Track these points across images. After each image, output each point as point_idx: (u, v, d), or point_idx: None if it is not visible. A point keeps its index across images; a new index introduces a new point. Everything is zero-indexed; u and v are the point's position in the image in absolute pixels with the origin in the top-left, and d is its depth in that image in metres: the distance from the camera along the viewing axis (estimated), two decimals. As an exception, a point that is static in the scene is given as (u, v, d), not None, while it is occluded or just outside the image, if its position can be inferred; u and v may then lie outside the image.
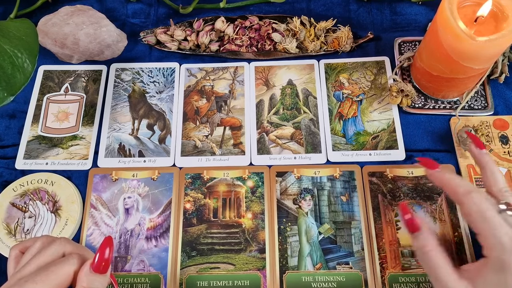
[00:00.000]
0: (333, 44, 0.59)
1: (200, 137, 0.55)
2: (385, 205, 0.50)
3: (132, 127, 0.56)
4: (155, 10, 0.63)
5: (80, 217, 0.50)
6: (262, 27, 0.59)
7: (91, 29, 0.56)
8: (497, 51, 0.45)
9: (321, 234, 0.49)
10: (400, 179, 0.51)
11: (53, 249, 0.36)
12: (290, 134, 0.55)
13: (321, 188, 0.51)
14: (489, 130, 0.53)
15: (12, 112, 0.57)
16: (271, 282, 0.47)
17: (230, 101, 0.57)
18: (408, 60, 0.56)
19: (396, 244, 0.48)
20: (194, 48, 0.60)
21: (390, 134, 0.53)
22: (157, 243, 0.49)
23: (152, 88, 0.58)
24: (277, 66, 0.59)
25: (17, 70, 0.42)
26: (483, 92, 0.55)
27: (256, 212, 0.50)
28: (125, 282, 0.47)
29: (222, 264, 0.48)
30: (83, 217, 0.50)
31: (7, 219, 0.50)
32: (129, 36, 0.60)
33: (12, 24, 0.45)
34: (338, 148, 0.53)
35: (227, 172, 0.52)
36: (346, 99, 0.56)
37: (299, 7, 0.63)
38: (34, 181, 0.52)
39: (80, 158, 0.54)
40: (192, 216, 0.50)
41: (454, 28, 0.42)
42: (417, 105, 0.54)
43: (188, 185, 0.52)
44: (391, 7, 0.62)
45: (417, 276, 0.46)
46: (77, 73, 0.59)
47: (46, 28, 0.56)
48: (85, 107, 0.57)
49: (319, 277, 0.46)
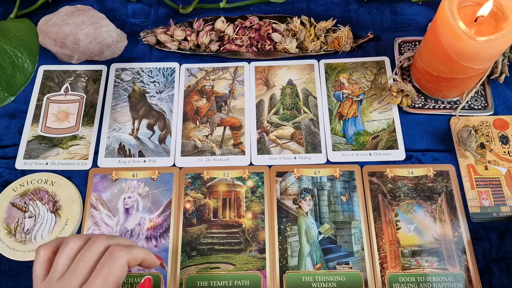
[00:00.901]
0: (333, 44, 0.59)
1: (200, 137, 0.55)
2: (385, 205, 0.50)
3: (132, 127, 0.56)
4: (155, 10, 0.63)
5: (80, 217, 0.50)
6: (262, 27, 0.59)
7: (91, 29, 0.56)
8: (497, 51, 0.45)
9: (321, 234, 0.49)
10: (400, 179, 0.51)
11: (97, 246, 0.34)
12: (290, 134, 0.55)
13: (321, 188, 0.51)
14: (489, 130, 0.53)
15: (12, 112, 0.57)
16: (271, 282, 0.47)
17: (230, 101, 0.57)
18: (408, 60, 0.56)
19: (396, 244, 0.48)
20: (194, 48, 0.60)
21: (390, 134, 0.53)
22: (157, 243, 0.49)
23: (152, 88, 0.58)
24: (277, 66, 0.59)
25: (18, 70, 0.42)
26: (483, 92, 0.55)
27: (256, 212, 0.50)
28: (125, 282, 0.47)
29: (222, 264, 0.48)
30: (83, 217, 0.50)
31: (7, 219, 0.50)
32: (129, 36, 0.60)
33: (12, 24, 0.45)
34: (338, 148, 0.53)
35: (227, 172, 0.52)
36: (346, 99, 0.56)
37: (299, 7, 0.63)
38: (34, 181, 0.52)
39: (80, 158, 0.54)
40: (192, 216, 0.50)
41: (454, 28, 0.42)
42: (417, 105, 0.54)
43: (188, 185, 0.52)
44: (391, 7, 0.62)
45: (417, 276, 0.46)
46: (77, 73, 0.59)
47: (46, 28, 0.56)
48: (85, 107, 0.57)
49: (319, 277, 0.46)
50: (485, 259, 0.47)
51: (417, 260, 0.47)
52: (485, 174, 0.51)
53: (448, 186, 0.50)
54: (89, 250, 0.34)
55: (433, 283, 0.46)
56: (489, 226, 0.49)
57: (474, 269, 0.46)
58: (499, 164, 0.51)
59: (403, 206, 0.50)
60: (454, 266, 0.46)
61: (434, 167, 0.51)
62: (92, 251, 0.34)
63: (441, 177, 0.51)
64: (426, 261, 0.47)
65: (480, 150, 0.52)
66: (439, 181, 0.51)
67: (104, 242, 0.35)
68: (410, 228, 0.49)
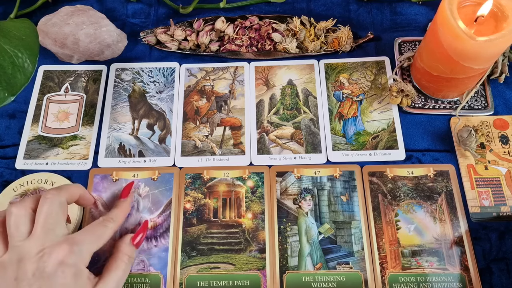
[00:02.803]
0: (333, 44, 0.59)
1: (200, 137, 0.55)
2: (385, 205, 0.50)
3: (132, 127, 0.56)
4: (155, 10, 0.63)
5: (80, 217, 0.50)
6: (262, 27, 0.59)
7: (91, 29, 0.56)
8: (497, 51, 0.45)
9: (321, 234, 0.49)
10: (400, 179, 0.51)
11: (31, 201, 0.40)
12: (290, 134, 0.55)
13: (321, 188, 0.51)
14: (489, 130, 0.53)
15: (12, 112, 0.57)
16: (271, 282, 0.47)
17: (230, 101, 0.57)
18: (408, 60, 0.56)
19: (396, 244, 0.48)
20: (194, 48, 0.60)
21: (390, 134, 0.53)
22: (157, 243, 0.49)
23: (152, 88, 0.58)
24: (277, 66, 0.59)
25: (18, 70, 0.42)
26: (483, 92, 0.55)
27: (256, 212, 0.50)
28: (125, 282, 0.47)
29: (222, 264, 0.48)
30: (83, 217, 0.50)
31: (7, 219, 0.50)
32: (129, 36, 0.60)
33: (12, 24, 0.45)
34: (338, 148, 0.53)
35: (227, 172, 0.52)
36: (346, 99, 0.56)
37: (299, 7, 0.63)
38: (34, 181, 0.52)
39: (80, 158, 0.54)
40: (192, 216, 0.50)
41: (454, 28, 0.42)
42: (417, 105, 0.54)
43: (188, 185, 0.52)
44: (391, 7, 0.62)
45: (417, 276, 0.46)
46: (77, 73, 0.59)
47: (46, 28, 0.56)
48: (85, 107, 0.57)
49: (319, 277, 0.47)
50: (485, 259, 0.47)
51: (417, 260, 0.47)
52: (485, 174, 0.51)
53: (448, 186, 0.50)
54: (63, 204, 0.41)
55: (433, 283, 0.46)
56: (489, 226, 0.49)
57: (474, 269, 0.46)
58: (499, 164, 0.51)
59: (403, 206, 0.50)
60: (454, 266, 0.46)
61: (434, 167, 0.51)
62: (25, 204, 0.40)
63: (441, 177, 0.51)
64: (426, 261, 0.47)
65: (480, 150, 0.52)
66: (439, 181, 0.51)
67: (73, 192, 0.43)
68: (410, 228, 0.49)
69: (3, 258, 0.38)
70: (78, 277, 0.38)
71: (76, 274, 0.38)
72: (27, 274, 0.37)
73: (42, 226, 0.38)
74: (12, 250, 0.38)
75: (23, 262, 0.37)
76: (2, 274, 0.37)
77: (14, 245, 0.38)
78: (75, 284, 0.38)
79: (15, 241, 0.38)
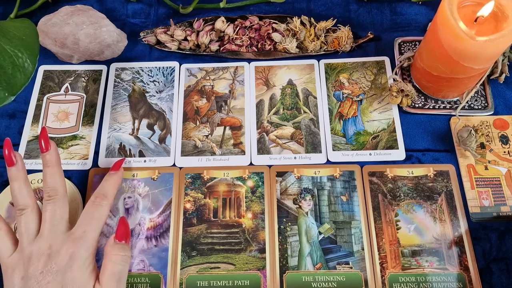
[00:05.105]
0: (333, 44, 0.59)
1: (200, 137, 0.55)
2: (385, 205, 0.50)
3: (132, 127, 0.56)
4: (155, 10, 0.63)
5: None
6: (262, 27, 0.59)
7: (91, 29, 0.56)
8: (497, 51, 0.45)
9: (321, 234, 0.49)
10: (400, 178, 0.51)
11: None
12: (290, 134, 0.55)
13: (321, 188, 0.51)
14: (489, 130, 0.53)
15: (12, 112, 0.57)
16: (271, 282, 0.47)
17: (230, 101, 0.57)
18: (408, 60, 0.56)
19: (396, 244, 0.48)
20: (194, 48, 0.60)
21: (390, 134, 0.53)
22: (157, 243, 0.49)
23: (152, 88, 0.58)
24: (277, 66, 0.59)
25: (18, 70, 0.42)
26: (483, 92, 0.55)
27: (256, 212, 0.50)
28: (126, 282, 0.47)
29: (222, 264, 0.48)
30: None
31: (7, 219, 0.50)
32: (129, 36, 0.60)
33: (12, 24, 0.45)
34: (338, 148, 0.53)
35: (227, 172, 0.52)
36: (346, 99, 0.56)
37: (299, 7, 0.63)
38: (34, 181, 0.52)
39: (80, 158, 0.54)
40: (192, 216, 0.50)
41: (454, 28, 0.42)
42: (417, 105, 0.54)
43: (188, 185, 0.52)
44: (391, 7, 0.62)
45: (417, 276, 0.46)
46: (77, 73, 0.59)
47: (46, 28, 0.56)
48: (85, 107, 0.57)
49: (319, 277, 0.47)
50: (485, 259, 0.47)
51: (417, 260, 0.47)
52: (485, 174, 0.51)
53: (448, 186, 0.50)
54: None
55: (433, 283, 0.46)
56: (489, 226, 0.49)
57: (474, 269, 0.46)
58: (499, 164, 0.51)
59: (403, 206, 0.50)
60: (454, 266, 0.46)
61: (434, 167, 0.51)
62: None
63: (441, 177, 0.51)
64: (426, 261, 0.47)
65: (480, 150, 0.52)
66: (439, 181, 0.51)
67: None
68: (410, 228, 0.49)
69: (12, 257, 0.40)
70: (85, 270, 0.40)
71: (83, 267, 0.40)
72: (35, 272, 0.38)
73: (49, 226, 0.41)
74: (21, 250, 0.40)
75: (32, 261, 0.39)
76: (10, 274, 0.39)
77: (23, 246, 0.40)
78: (81, 276, 0.40)
79: (26, 241, 0.41)
